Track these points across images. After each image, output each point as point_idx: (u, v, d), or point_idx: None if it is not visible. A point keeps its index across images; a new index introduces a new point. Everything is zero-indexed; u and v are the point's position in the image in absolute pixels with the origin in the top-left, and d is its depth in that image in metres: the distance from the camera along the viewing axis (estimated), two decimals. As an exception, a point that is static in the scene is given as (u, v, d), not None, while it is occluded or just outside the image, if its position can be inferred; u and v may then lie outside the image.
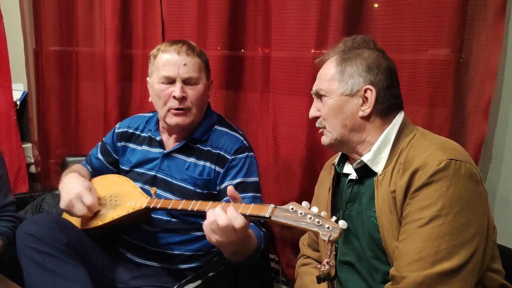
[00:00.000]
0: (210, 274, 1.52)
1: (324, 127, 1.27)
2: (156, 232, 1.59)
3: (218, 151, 1.57)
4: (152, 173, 1.62)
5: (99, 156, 1.79)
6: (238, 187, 1.49)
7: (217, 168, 1.57)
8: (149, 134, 1.68)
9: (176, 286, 1.42)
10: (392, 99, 1.22)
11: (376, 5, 1.63)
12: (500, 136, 1.49)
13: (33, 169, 2.99)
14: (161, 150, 1.64)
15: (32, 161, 2.97)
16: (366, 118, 1.22)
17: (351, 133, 1.23)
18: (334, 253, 1.30)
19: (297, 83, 1.80)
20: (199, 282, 1.47)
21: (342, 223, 1.03)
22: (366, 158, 1.21)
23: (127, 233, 1.64)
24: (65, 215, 1.65)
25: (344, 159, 1.34)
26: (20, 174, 2.83)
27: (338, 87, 1.23)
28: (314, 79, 1.72)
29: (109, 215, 1.52)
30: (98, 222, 1.53)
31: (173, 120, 1.55)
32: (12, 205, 1.72)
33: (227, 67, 2.00)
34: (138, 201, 1.49)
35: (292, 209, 1.08)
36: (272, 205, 1.13)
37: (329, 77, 1.25)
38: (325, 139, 1.29)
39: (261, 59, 1.90)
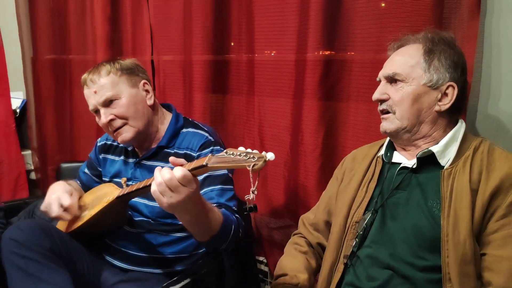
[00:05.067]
0: (193, 277, 1.53)
1: (394, 113, 1.26)
2: (138, 233, 1.61)
3: (184, 151, 1.59)
4: (129, 182, 1.64)
5: (86, 170, 1.84)
6: (206, 180, 1.50)
7: None
8: (123, 145, 1.72)
9: (156, 289, 1.43)
10: (463, 101, 1.26)
11: (383, 4, 1.60)
12: (479, 134, 1.48)
13: (33, 175, 3.04)
14: (134, 159, 1.68)
15: (32, 167, 3.02)
16: (440, 113, 1.23)
17: (421, 124, 1.24)
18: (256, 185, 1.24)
19: (280, 85, 1.82)
20: (181, 284, 1.49)
21: (270, 156, 1.03)
22: (435, 149, 1.22)
23: (110, 238, 1.66)
24: (59, 225, 1.68)
25: (392, 148, 1.35)
26: (19, 180, 2.87)
27: (422, 76, 1.23)
28: (297, 81, 1.76)
29: (88, 214, 1.55)
30: (79, 223, 1.56)
31: (119, 140, 1.60)
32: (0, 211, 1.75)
33: (213, 70, 2.02)
34: (112, 194, 1.52)
35: (226, 152, 1.10)
36: (210, 154, 1.14)
37: (412, 63, 1.24)
38: (390, 126, 1.27)
39: (246, 62, 1.92)
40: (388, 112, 1.27)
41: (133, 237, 1.61)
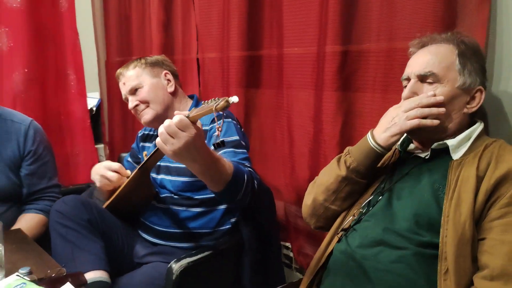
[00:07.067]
0: (210, 252, 1.66)
1: None
2: (164, 209, 1.80)
3: None
4: (158, 163, 1.84)
5: (129, 159, 2.11)
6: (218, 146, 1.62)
7: None
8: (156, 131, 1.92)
9: (173, 261, 1.57)
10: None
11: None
12: (491, 129, 1.46)
13: (106, 166, 3.37)
14: None
15: (105, 159, 3.36)
16: (466, 115, 1.28)
17: (450, 123, 1.28)
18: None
19: (304, 78, 1.89)
20: (198, 256, 1.62)
21: (234, 98, 1.14)
22: (451, 143, 1.26)
23: (142, 215, 1.87)
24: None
25: (409, 140, 1.39)
26: (93, 170, 3.22)
27: (456, 79, 1.25)
28: (318, 73, 1.82)
29: (119, 189, 1.77)
30: (112, 197, 1.78)
31: (142, 121, 1.84)
32: (56, 187, 2.03)
33: (248, 66, 2.14)
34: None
35: (203, 103, 1.22)
36: (194, 107, 1.24)
37: (446, 64, 1.26)
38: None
39: (276, 57, 2.02)
40: None
41: (160, 212, 1.80)
